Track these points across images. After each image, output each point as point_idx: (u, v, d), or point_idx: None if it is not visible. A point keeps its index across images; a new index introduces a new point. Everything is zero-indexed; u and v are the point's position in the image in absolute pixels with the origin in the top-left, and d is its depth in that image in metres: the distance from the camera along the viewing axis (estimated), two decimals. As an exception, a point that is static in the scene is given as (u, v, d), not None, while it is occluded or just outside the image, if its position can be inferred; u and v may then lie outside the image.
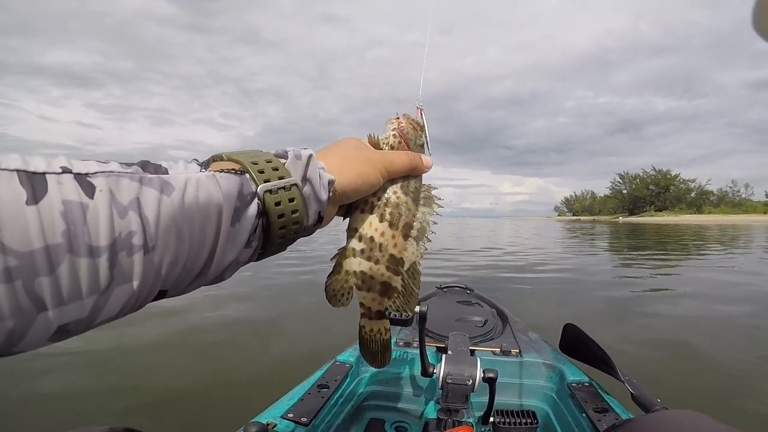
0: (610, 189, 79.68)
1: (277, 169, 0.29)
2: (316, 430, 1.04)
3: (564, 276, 6.01)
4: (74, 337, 0.21)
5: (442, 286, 1.99)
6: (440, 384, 1.06)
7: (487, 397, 1.09)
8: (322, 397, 1.10)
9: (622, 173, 75.77)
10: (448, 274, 6.04)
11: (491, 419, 1.14)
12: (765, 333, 3.01)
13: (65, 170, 0.20)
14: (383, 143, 0.39)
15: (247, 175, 0.28)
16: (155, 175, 0.23)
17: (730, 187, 65.98)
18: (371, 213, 0.37)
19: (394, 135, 0.40)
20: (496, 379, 1.04)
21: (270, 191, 0.28)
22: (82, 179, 0.20)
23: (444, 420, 1.12)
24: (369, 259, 0.37)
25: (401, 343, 1.45)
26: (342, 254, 0.38)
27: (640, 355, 2.59)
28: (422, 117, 0.44)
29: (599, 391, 1.15)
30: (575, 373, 1.26)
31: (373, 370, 1.41)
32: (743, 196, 63.85)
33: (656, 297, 4.49)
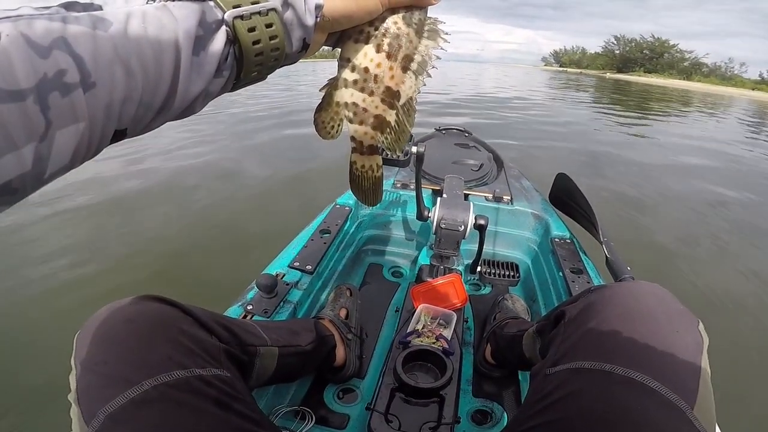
0: (603, 48, 76.85)
1: None
2: (320, 277, 1.04)
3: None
4: (28, 196, 0.20)
5: (441, 128, 1.90)
6: (434, 228, 1.05)
7: (477, 246, 1.08)
8: (324, 243, 1.08)
9: (618, 36, 72.32)
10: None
11: (478, 269, 1.14)
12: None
13: None
14: None
15: (211, 2, 0.24)
16: (84, 13, 0.20)
17: (725, 63, 65.31)
18: (367, 43, 0.33)
19: None
20: (486, 226, 1.02)
21: (241, 17, 0.24)
22: None
23: (436, 267, 1.12)
24: (362, 90, 0.35)
25: (398, 185, 1.39)
26: (333, 85, 0.35)
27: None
28: None
29: (578, 250, 1.12)
30: (560, 227, 1.22)
31: (371, 212, 1.38)
32: (736, 72, 63.17)
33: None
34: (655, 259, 2.11)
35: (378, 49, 0.33)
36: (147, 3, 0.23)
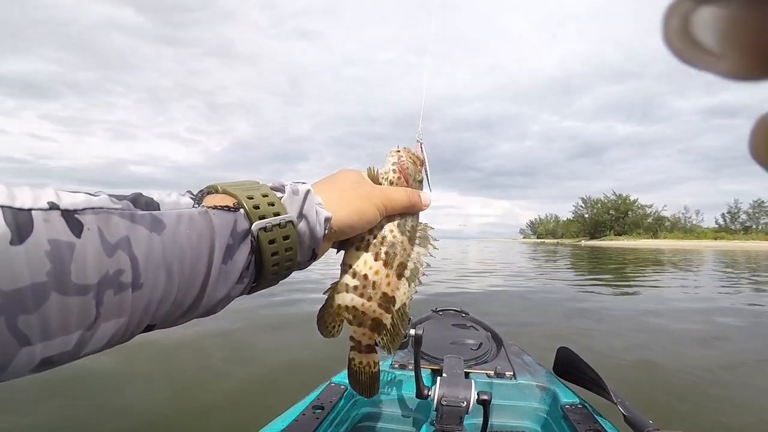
0: (573, 213, 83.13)
1: (273, 204, 0.29)
2: None
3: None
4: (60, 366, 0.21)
5: (438, 309, 2.00)
6: (435, 406, 1.07)
7: (481, 419, 1.09)
8: (317, 418, 1.08)
9: (584, 197, 79.65)
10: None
11: None
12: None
13: (52, 206, 0.19)
14: (383, 178, 0.39)
15: (242, 211, 0.27)
16: (146, 212, 0.23)
17: (683, 214, 71.00)
18: (366, 251, 0.37)
19: (393, 170, 0.40)
20: (490, 401, 1.05)
21: (264, 228, 0.28)
22: (70, 216, 0.20)
23: None
24: (362, 295, 0.38)
25: (396, 366, 1.46)
26: (335, 288, 0.38)
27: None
28: (422, 151, 0.44)
29: (592, 413, 1.19)
30: (568, 395, 1.29)
31: None
32: (694, 222, 68.88)
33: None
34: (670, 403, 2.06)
35: (376, 258, 0.37)
36: (194, 206, 0.26)
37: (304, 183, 0.32)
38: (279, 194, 0.30)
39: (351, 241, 0.37)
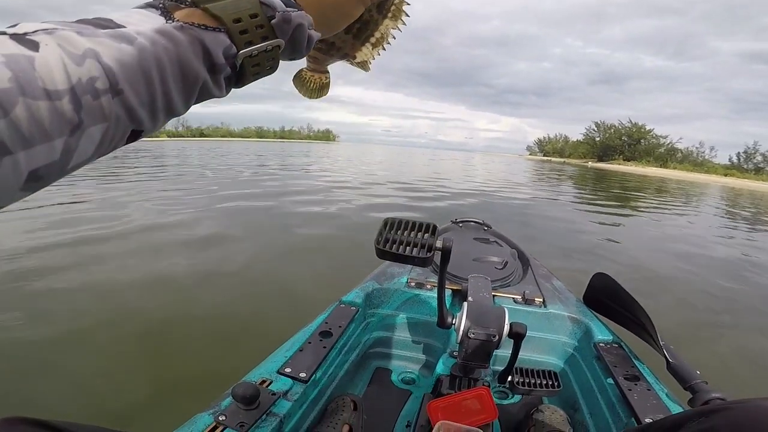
0: (584, 135, 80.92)
1: (262, 27, 0.26)
2: (316, 386, 0.89)
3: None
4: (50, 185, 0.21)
5: (457, 220, 1.77)
6: (459, 337, 0.89)
7: (507, 351, 0.93)
8: (324, 347, 0.94)
9: (599, 122, 77.01)
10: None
11: (509, 378, 0.98)
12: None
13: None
14: None
15: (226, 36, 0.25)
16: (110, 29, 0.22)
17: (696, 148, 69.51)
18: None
19: None
20: (524, 335, 0.87)
21: (250, 55, 0.27)
22: (21, 38, 0.19)
23: (458, 377, 0.96)
24: (320, 50, 0.39)
25: (413, 284, 1.26)
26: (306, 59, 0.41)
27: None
28: None
29: (629, 354, 1.00)
30: (603, 331, 1.10)
31: (382, 313, 1.25)
32: (706, 157, 67.29)
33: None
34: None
35: (347, 31, 0.37)
36: (166, 22, 0.24)
37: (297, 9, 0.28)
38: (269, 12, 0.27)
39: None
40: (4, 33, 0.19)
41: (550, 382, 0.99)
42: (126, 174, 8.42)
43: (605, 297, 1.18)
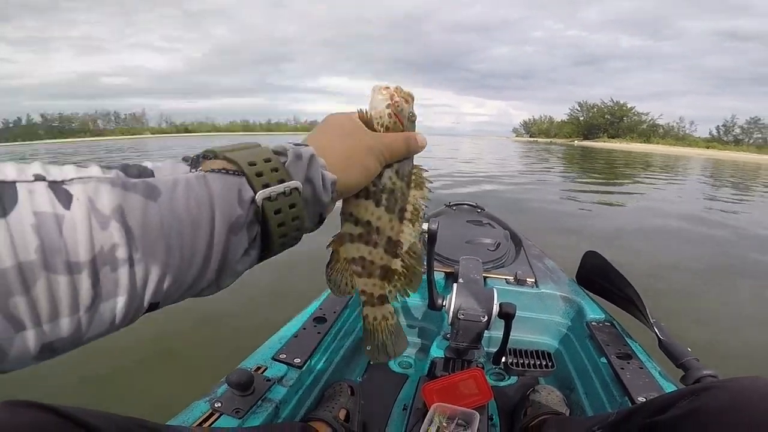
0: (568, 115, 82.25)
1: (276, 170, 0.26)
2: (312, 372, 0.88)
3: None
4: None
5: (451, 204, 1.78)
6: (450, 319, 0.89)
7: (500, 333, 0.94)
8: (319, 333, 0.94)
9: (582, 102, 78.25)
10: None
11: (503, 359, 0.98)
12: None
13: (38, 178, 0.19)
14: (377, 123, 0.35)
15: (244, 179, 0.25)
16: (139, 179, 0.22)
17: (677, 123, 71.31)
18: (367, 198, 0.36)
19: (389, 114, 0.36)
20: (513, 315, 0.87)
21: (269, 198, 0.25)
22: (57, 187, 0.19)
23: (452, 359, 0.95)
24: (367, 243, 0.37)
25: None
26: (338, 241, 0.37)
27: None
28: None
29: (621, 333, 1.00)
30: (594, 310, 1.10)
31: None
32: (687, 131, 68.53)
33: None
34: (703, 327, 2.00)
35: (377, 204, 0.36)
36: (191, 171, 0.24)
37: (306, 146, 0.29)
38: (282, 158, 0.27)
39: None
40: (43, 179, 0.19)
41: (544, 363, 0.98)
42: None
43: (596, 275, 1.18)
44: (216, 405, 0.69)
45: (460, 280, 1.01)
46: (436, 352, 1.01)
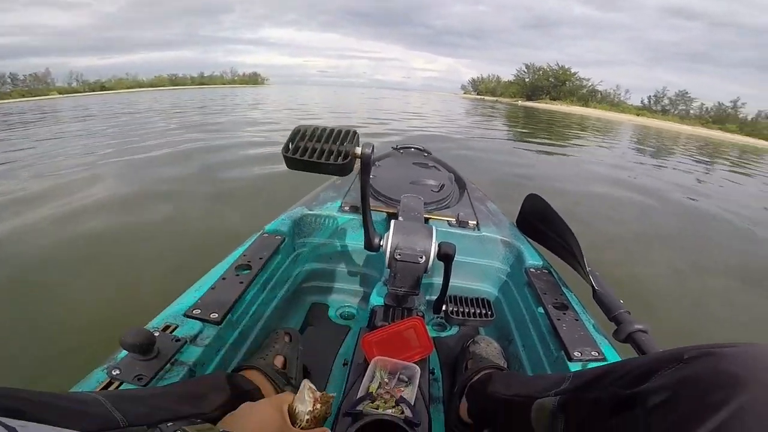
0: (515, 76, 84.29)
1: None
2: (236, 327, 0.77)
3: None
4: None
5: (398, 147, 1.71)
6: (387, 260, 0.81)
7: (440, 280, 0.87)
8: (241, 282, 0.80)
9: (528, 64, 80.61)
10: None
11: (443, 307, 0.92)
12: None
13: None
14: (299, 423, 0.54)
15: None
16: None
17: (614, 90, 76.02)
18: None
19: (307, 419, 0.55)
20: (453, 256, 0.80)
21: None
22: None
23: (392, 308, 0.87)
24: None
25: (347, 208, 1.13)
26: None
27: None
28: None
29: (558, 281, 0.96)
30: (533, 255, 1.06)
31: (314, 242, 1.13)
32: (622, 98, 73.15)
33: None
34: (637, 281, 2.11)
35: None
36: None
37: None
38: None
39: None
40: None
41: (484, 311, 0.94)
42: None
43: (537, 220, 1.12)
44: (114, 373, 0.58)
45: (400, 218, 0.93)
46: (376, 300, 0.93)
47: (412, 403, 0.65)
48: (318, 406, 0.56)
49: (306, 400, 0.56)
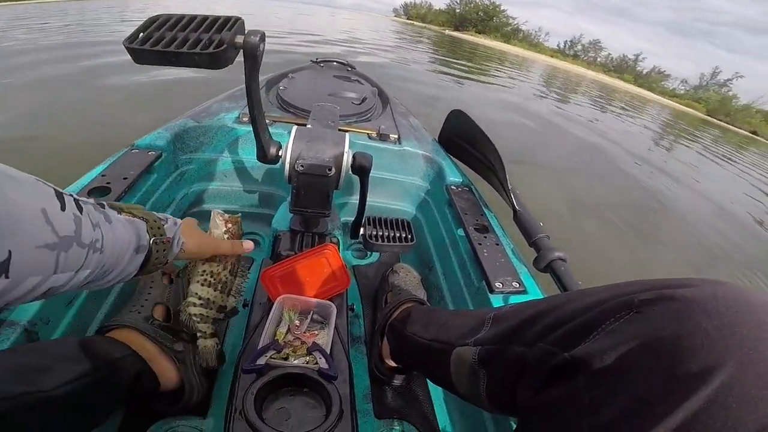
0: (447, 6, 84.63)
1: (160, 228, 0.45)
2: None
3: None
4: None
5: (318, 60, 1.55)
6: (287, 174, 0.66)
7: (354, 199, 0.79)
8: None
9: None
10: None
11: (361, 231, 0.80)
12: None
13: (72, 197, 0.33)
14: (217, 236, 0.60)
15: (145, 224, 0.43)
16: (106, 209, 0.39)
17: (535, 32, 79.28)
18: (204, 285, 0.59)
19: (226, 236, 0.60)
20: (369, 169, 0.66)
21: (155, 242, 0.44)
22: (77, 203, 0.34)
23: (300, 233, 0.74)
24: (204, 306, 0.59)
25: (245, 119, 0.94)
26: (184, 304, 0.59)
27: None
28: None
29: (479, 200, 0.91)
30: (454, 172, 0.99)
31: (203, 158, 0.93)
32: (541, 40, 76.47)
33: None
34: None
35: (209, 286, 0.59)
36: (118, 214, 0.41)
37: (177, 224, 0.49)
38: (163, 223, 0.46)
39: (195, 275, 0.59)
40: (71, 196, 0.34)
41: (404, 235, 0.84)
42: None
43: (459, 137, 1.06)
44: None
45: (307, 126, 0.76)
46: (280, 224, 0.80)
47: (329, 351, 0.55)
48: (230, 225, 0.59)
49: (218, 223, 0.59)
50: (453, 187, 0.95)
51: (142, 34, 0.53)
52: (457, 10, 79.76)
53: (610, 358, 0.26)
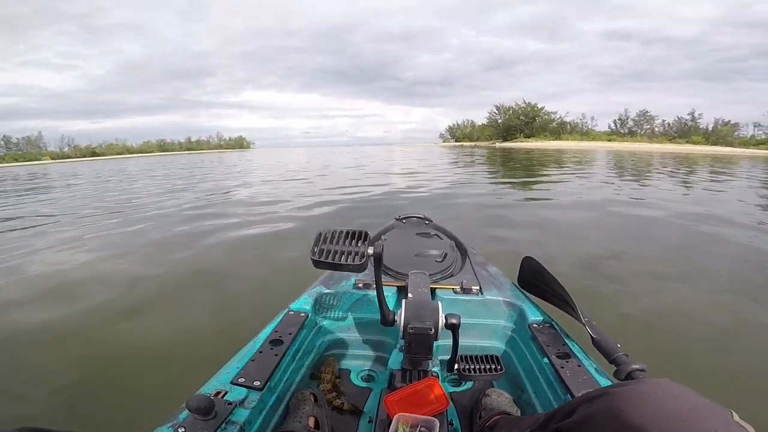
0: (487, 119, 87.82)
1: None
2: (273, 392, 0.90)
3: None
4: None
5: (401, 217, 1.87)
6: (402, 333, 0.95)
7: (451, 341, 1.00)
8: (276, 355, 0.96)
9: (498, 105, 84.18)
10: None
11: (456, 366, 1.04)
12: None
13: None
14: None
15: None
16: None
17: (580, 119, 78.96)
18: None
19: None
20: (458, 325, 0.94)
21: None
22: None
23: (408, 371, 1.01)
24: None
25: (361, 285, 1.29)
26: None
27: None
28: None
29: (560, 333, 1.10)
30: (535, 312, 1.20)
31: (333, 317, 1.29)
32: (590, 126, 76.09)
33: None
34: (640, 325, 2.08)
35: None
36: None
37: None
38: None
39: None
40: None
41: (494, 366, 1.04)
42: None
43: (535, 279, 1.26)
44: (180, 430, 0.69)
45: (409, 296, 1.05)
46: (394, 364, 1.05)
47: None
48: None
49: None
50: (535, 325, 1.13)
51: (316, 248, 0.88)
52: (499, 121, 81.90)
53: (572, 426, 0.47)
